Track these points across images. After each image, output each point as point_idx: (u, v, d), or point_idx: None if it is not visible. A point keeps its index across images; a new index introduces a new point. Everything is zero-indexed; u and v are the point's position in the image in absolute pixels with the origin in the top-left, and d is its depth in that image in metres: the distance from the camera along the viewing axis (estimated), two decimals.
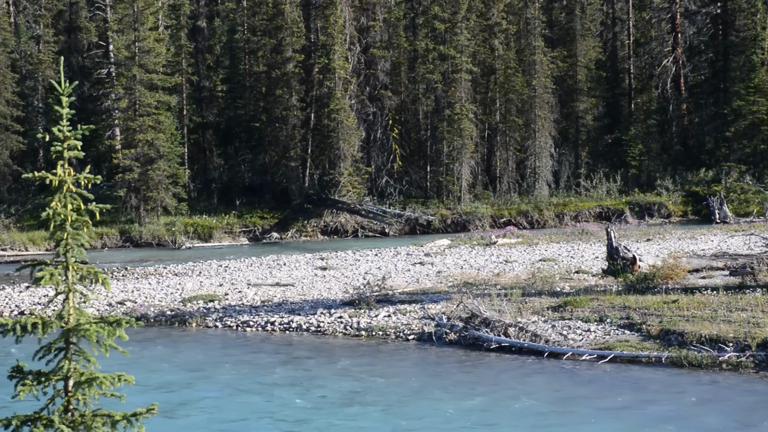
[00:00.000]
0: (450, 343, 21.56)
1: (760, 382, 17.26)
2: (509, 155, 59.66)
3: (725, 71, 61.25)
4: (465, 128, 55.04)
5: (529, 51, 59.98)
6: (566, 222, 53.69)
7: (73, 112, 7.80)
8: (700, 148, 62.15)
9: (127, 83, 51.99)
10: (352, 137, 53.75)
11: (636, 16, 67.97)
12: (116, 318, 7.52)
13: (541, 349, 19.97)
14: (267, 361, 20.74)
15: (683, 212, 54.95)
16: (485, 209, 54.11)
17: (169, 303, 27.34)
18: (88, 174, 7.75)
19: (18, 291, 30.24)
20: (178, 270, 35.78)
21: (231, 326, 24.47)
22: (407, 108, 61.21)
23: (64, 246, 7.56)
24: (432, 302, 25.15)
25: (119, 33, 54.02)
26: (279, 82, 55.32)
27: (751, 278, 24.50)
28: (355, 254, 38.47)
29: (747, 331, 19.05)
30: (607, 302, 23.40)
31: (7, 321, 7.43)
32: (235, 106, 62.21)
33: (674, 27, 65.11)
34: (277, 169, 57.34)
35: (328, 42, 54.03)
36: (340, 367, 19.86)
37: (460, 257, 36.05)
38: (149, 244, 48.92)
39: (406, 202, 55.54)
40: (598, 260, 31.89)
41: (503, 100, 60.15)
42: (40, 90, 61.37)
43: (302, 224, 52.24)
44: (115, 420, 7.41)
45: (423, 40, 58.81)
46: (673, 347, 19.12)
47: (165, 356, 21.34)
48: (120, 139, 53.74)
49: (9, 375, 7.45)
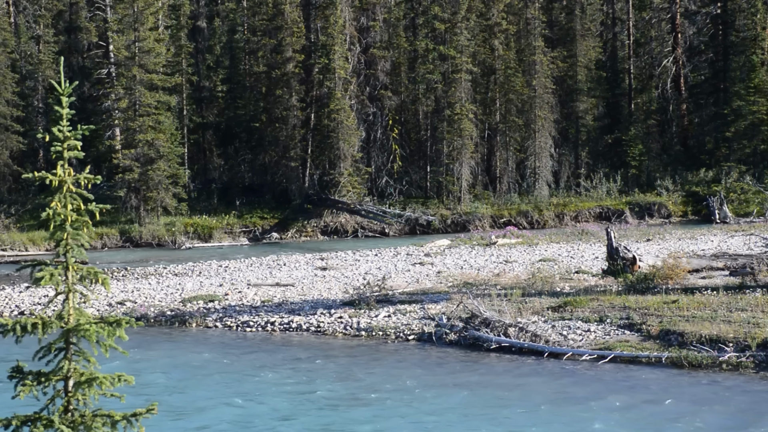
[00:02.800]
0: (450, 344, 21.56)
1: (760, 382, 17.26)
2: (509, 155, 59.67)
3: (725, 71, 61.25)
4: (465, 128, 55.05)
5: (529, 51, 60.00)
6: (566, 222, 53.70)
7: (73, 112, 7.79)
8: (700, 148, 62.15)
9: (127, 83, 52.00)
10: (352, 137, 53.75)
11: (636, 16, 68.00)
12: (116, 318, 7.52)
13: (541, 350, 19.97)
14: (267, 361, 20.74)
15: (683, 212, 54.95)
16: (485, 209, 54.11)
17: (169, 303, 27.33)
18: (88, 174, 7.74)
19: (18, 291, 30.24)
20: (178, 270, 35.78)
21: (231, 326, 24.46)
22: (407, 108, 61.23)
23: (64, 246, 7.56)
24: (432, 302, 25.15)
25: (119, 33, 54.06)
26: (279, 82, 55.35)
27: (751, 278, 24.50)
28: (355, 254, 38.47)
29: (747, 332, 19.05)
30: (607, 302, 23.40)
31: (7, 321, 7.43)
32: (235, 107, 62.20)
33: (674, 27, 65.13)
34: (277, 169, 57.36)
35: (328, 42, 54.04)
36: (340, 367, 19.86)
37: (460, 257, 36.04)
38: (149, 244, 48.92)
39: (406, 203, 55.54)
40: (598, 260, 31.89)
41: (503, 100, 60.16)
42: (40, 90, 61.38)
43: (302, 224, 52.24)
44: (115, 420, 7.40)
45: (423, 40, 58.83)
46: (673, 347, 19.11)
47: (165, 356, 21.34)
48: (120, 139, 53.75)
49: (9, 375, 7.45)
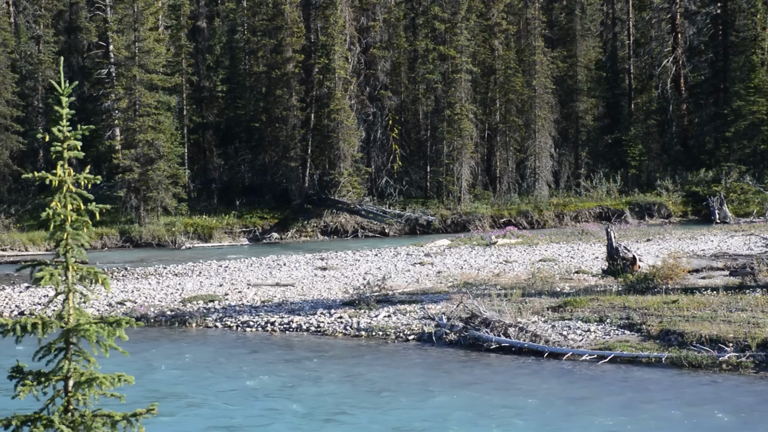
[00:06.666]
0: (450, 344, 21.55)
1: (760, 383, 17.26)
2: (509, 155, 59.68)
3: (725, 71, 61.24)
4: (465, 128, 55.06)
5: (529, 51, 60.01)
6: (566, 222, 53.72)
7: (73, 112, 7.80)
8: (700, 148, 62.14)
9: (127, 83, 51.99)
10: (352, 137, 53.76)
11: (636, 16, 68.01)
12: (116, 318, 7.52)
13: (541, 350, 19.96)
14: (267, 361, 20.74)
15: (683, 212, 54.96)
16: (485, 209, 54.11)
17: (169, 303, 27.32)
18: (88, 174, 7.75)
19: (18, 291, 30.24)
20: (178, 270, 35.77)
21: (231, 326, 24.46)
22: (407, 108, 61.25)
23: (64, 246, 7.56)
24: (432, 302, 25.15)
25: (119, 33, 54.05)
26: (279, 82, 55.34)
27: (751, 278, 24.48)
28: (355, 254, 38.46)
29: (747, 332, 19.04)
30: (607, 302, 23.39)
31: (7, 321, 7.43)
32: (235, 107, 62.19)
33: (674, 27, 65.13)
34: (277, 169, 57.36)
35: (328, 42, 54.04)
36: (340, 367, 19.85)
37: (460, 257, 36.03)
38: (149, 244, 48.91)
39: (406, 203, 55.54)
40: (598, 260, 31.88)
41: (503, 100, 60.18)
42: (40, 90, 61.36)
43: (302, 224, 52.24)
44: (115, 420, 7.41)
45: (423, 40, 58.85)
46: (673, 347, 19.11)
47: (165, 356, 21.34)
48: (120, 139, 53.74)
49: (9, 375, 7.45)
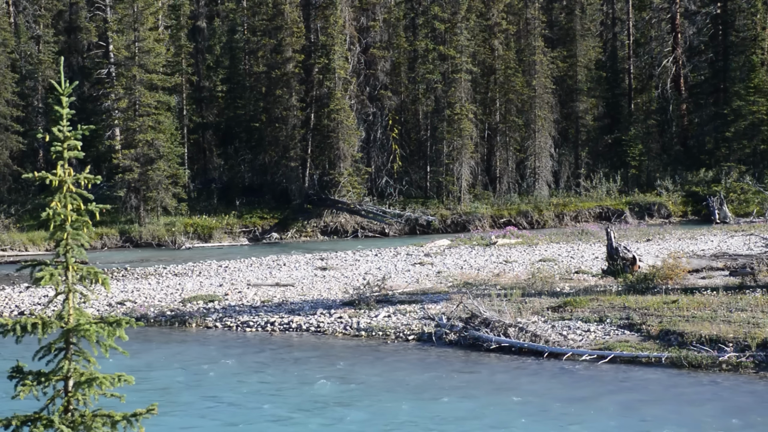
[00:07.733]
0: (450, 344, 21.55)
1: (760, 383, 17.26)
2: (509, 155, 59.67)
3: (725, 71, 61.24)
4: (465, 128, 55.05)
5: (529, 51, 60.00)
6: (566, 222, 53.71)
7: (73, 112, 7.80)
8: (700, 148, 62.14)
9: (127, 83, 51.99)
10: (352, 137, 53.75)
11: (636, 16, 67.99)
12: (116, 318, 7.52)
13: (541, 350, 19.96)
14: (267, 361, 20.75)
15: (683, 212, 54.96)
16: (485, 209, 54.10)
17: (169, 303, 27.33)
18: (88, 174, 7.75)
19: (18, 291, 30.24)
20: (178, 270, 35.77)
21: (231, 326, 24.46)
22: (407, 108, 61.24)
23: (64, 246, 7.56)
24: (432, 302, 25.14)
25: (119, 33, 54.05)
26: (279, 82, 55.32)
27: (751, 278, 24.49)
28: (355, 254, 38.46)
29: (747, 332, 19.04)
30: (606, 302, 23.39)
31: (7, 321, 7.43)
32: (235, 106, 62.18)
33: (674, 27, 65.12)
34: (277, 169, 57.34)
35: (328, 42, 54.02)
36: (340, 367, 19.85)
37: (460, 257, 36.03)
38: (149, 244, 48.90)
39: (406, 203, 55.54)
40: (598, 260, 31.88)
41: (503, 100, 60.17)
42: (40, 90, 61.36)
43: (302, 224, 52.24)
44: (115, 420, 7.41)
45: (423, 40, 58.84)
46: (672, 347, 19.11)
47: (165, 356, 21.35)
48: (120, 139, 53.74)
49: (9, 375, 7.45)
